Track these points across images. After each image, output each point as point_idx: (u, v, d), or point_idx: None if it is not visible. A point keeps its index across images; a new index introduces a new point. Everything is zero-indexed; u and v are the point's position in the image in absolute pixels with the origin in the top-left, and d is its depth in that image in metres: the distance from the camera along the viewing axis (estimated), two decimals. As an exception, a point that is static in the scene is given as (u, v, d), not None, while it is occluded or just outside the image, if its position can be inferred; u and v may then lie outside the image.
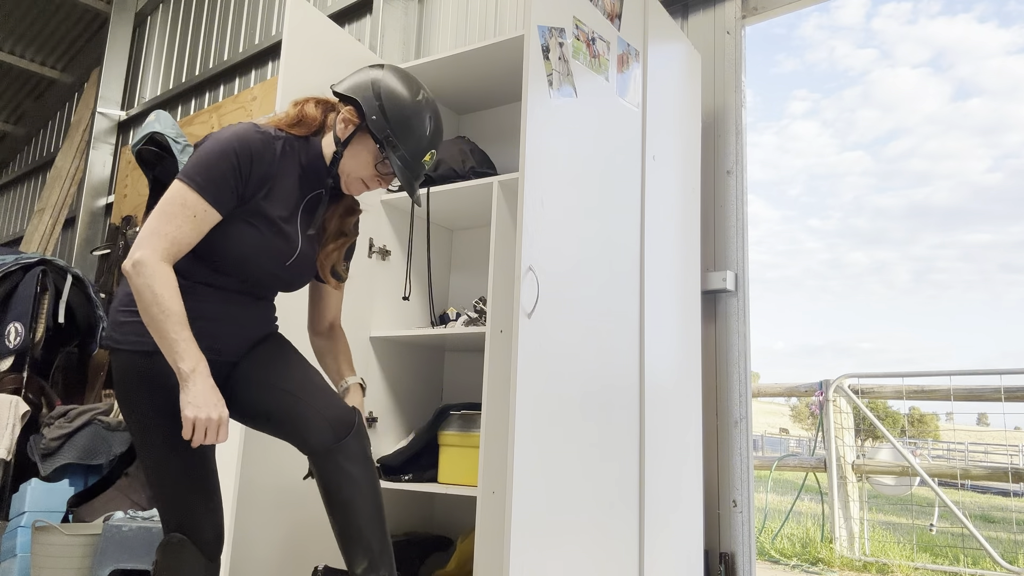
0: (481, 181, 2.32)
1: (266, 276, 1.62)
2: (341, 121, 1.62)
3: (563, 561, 1.65)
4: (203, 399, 1.43)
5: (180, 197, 1.48)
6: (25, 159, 7.92)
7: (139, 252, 1.44)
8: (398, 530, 2.53)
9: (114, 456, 3.30)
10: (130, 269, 1.44)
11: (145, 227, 1.48)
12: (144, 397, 1.51)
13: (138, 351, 1.51)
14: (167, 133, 3.70)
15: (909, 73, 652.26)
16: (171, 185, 1.51)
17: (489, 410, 2.03)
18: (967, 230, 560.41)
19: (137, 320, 1.51)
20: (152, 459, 1.53)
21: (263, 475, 2.06)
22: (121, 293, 1.57)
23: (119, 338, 1.53)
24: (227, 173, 1.51)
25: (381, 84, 1.62)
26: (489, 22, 3.31)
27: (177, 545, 1.53)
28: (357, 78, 1.64)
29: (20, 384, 3.71)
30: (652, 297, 2.08)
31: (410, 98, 1.63)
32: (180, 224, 1.47)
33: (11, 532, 2.94)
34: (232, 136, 1.53)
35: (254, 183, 1.55)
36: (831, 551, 4.64)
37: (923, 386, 4.75)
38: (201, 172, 1.49)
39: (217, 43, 4.97)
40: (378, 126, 1.59)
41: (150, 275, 1.42)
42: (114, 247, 4.80)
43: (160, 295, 1.42)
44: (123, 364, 1.53)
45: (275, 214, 1.59)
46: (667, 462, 2.10)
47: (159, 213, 1.48)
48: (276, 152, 1.58)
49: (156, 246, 1.45)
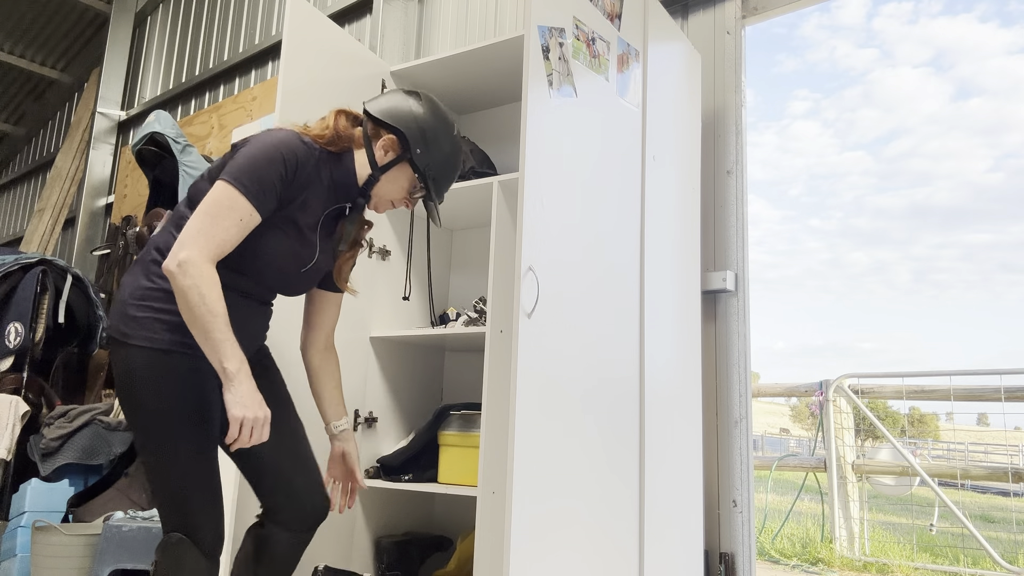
0: (481, 181, 2.32)
1: (281, 280, 1.65)
2: (381, 148, 1.67)
3: (563, 561, 1.65)
4: (250, 398, 1.45)
5: (227, 199, 1.49)
6: (25, 159, 7.92)
7: (184, 252, 1.44)
8: (398, 530, 2.53)
9: (114, 456, 3.30)
10: (175, 269, 1.43)
11: (190, 227, 1.47)
12: (153, 394, 1.50)
13: (152, 348, 1.50)
14: (167, 133, 3.70)
15: (910, 73, 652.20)
16: (215, 186, 1.51)
17: (489, 410, 2.03)
18: (968, 230, 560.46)
19: (153, 316, 1.51)
20: (156, 457, 1.51)
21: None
22: (132, 287, 1.55)
23: (129, 332, 1.50)
24: (274, 178, 1.54)
25: (426, 120, 1.69)
26: (489, 22, 3.31)
27: (177, 545, 1.52)
28: (397, 106, 1.69)
29: (20, 384, 3.71)
30: (652, 297, 2.08)
31: (450, 135, 1.74)
32: (227, 226, 1.48)
33: (11, 532, 2.94)
34: (279, 142, 1.55)
35: (294, 190, 1.59)
36: (831, 551, 4.64)
37: (923, 386, 4.75)
38: (249, 176, 1.50)
39: (217, 43, 4.97)
40: (423, 160, 1.68)
41: (197, 275, 1.43)
42: (114, 247, 4.79)
43: (207, 296, 1.43)
44: (132, 359, 1.50)
45: (303, 222, 1.63)
46: (667, 462, 2.10)
47: (204, 214, 1.48)
48: (315, 162, 1.62)
49: (202, 247, 1.45)
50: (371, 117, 1.69)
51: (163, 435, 1.51)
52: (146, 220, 3.67)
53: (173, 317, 1.51)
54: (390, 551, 2.35)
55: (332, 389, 1.84)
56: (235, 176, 1.50)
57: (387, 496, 2.49)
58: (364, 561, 2.37)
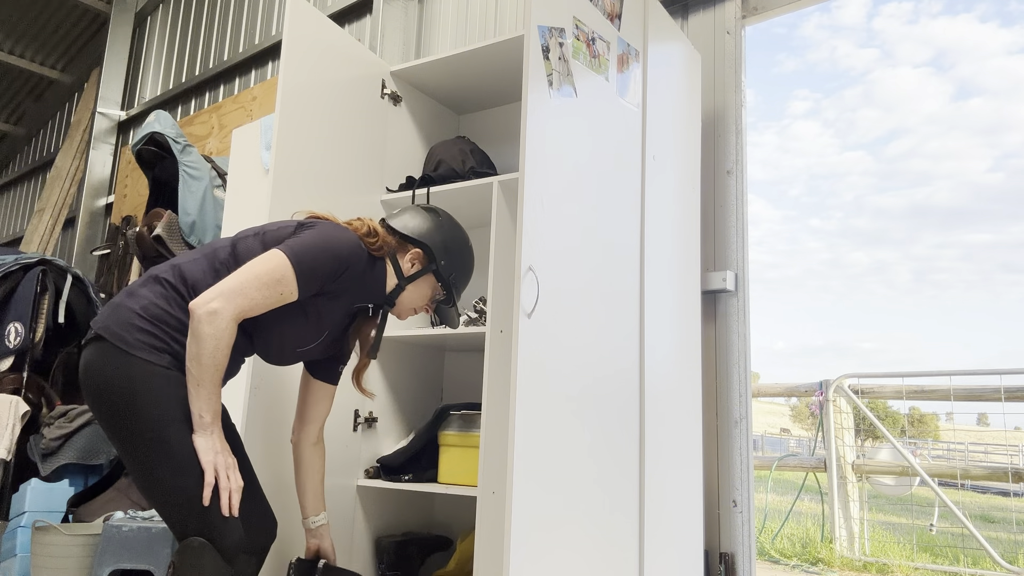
0: (481, 181, 2.32)
1: (276, 351, 1.73)
2: (408, 260, 1.83)
3: (563, 561, 1.65)
4: (221, 445, 1.52)
5: (280, 272, 1.55)
6: (25, 159, 7.92)
7: (218, 303, 1.49)
8: (398, 530, 2.53)
9: (114, 456, 3.30)
10: (203, 316, 1.47)
11: (232, 281, 1.52)
12: (156, 401, 1.50)
13: (154, 364, 1.52)
14: (167, 133, 3.69)
15: (910, 73, 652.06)
16: (273, 253, 1.57)
17: (489, 410, 2.03)
18: (968, 230, 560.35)
19: (159, 342, 1.53)
20: (166, 465, 1.49)
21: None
22: (146, 301, 1.55)
23: (132, 343, 1.51)
24: (327, 272, 1.63)
25: (448, 233, 1.87)
26: (489, 22, 3.31)
27: (198, 549, 1.49)
28: (421, 223, 1.85)
29: (20, 384, 3.71)
30: (652, 297, 2.08)
31: (468, 245, 1.92)
32: (267, 295, 1.55)
33: (11, 532, 2.94)
34: (347, 243, 1.66)
35: (335, 287, 1.67)
36: (831, 551, 4.64)
37: (923, 386, 4.75)
38: (308, 260, 1.59)
39: (217, 43, 4.97)
40: (447, 271, 1.85)
41: (222, 330, 1.48)
42: (114, 247, 4.79)
43: (221, 350, 1.49)
44: (133, 368, 1.50)
45: (325, 312, 1.70)
46: (667, 462, 2.10)
47: (252, 276, 1.54)
48: (361, 267, 1.71)
49: (236, 304, 1.51)
50: (395, 232, 1.83)
51: (180, 440, 1.50)
52: (146, 220, 3.67)
53: (179, 348, 1.55)
54: (390, 551, 2.35)
55: (317, 484, 1.92)
56: (296, 254, 1.57)
57: (387, 496, 2.49)
58: (364, 561, 2.37)
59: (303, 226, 1.68)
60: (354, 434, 2.37)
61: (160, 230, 3.43)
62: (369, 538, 2.41)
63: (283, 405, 2.12)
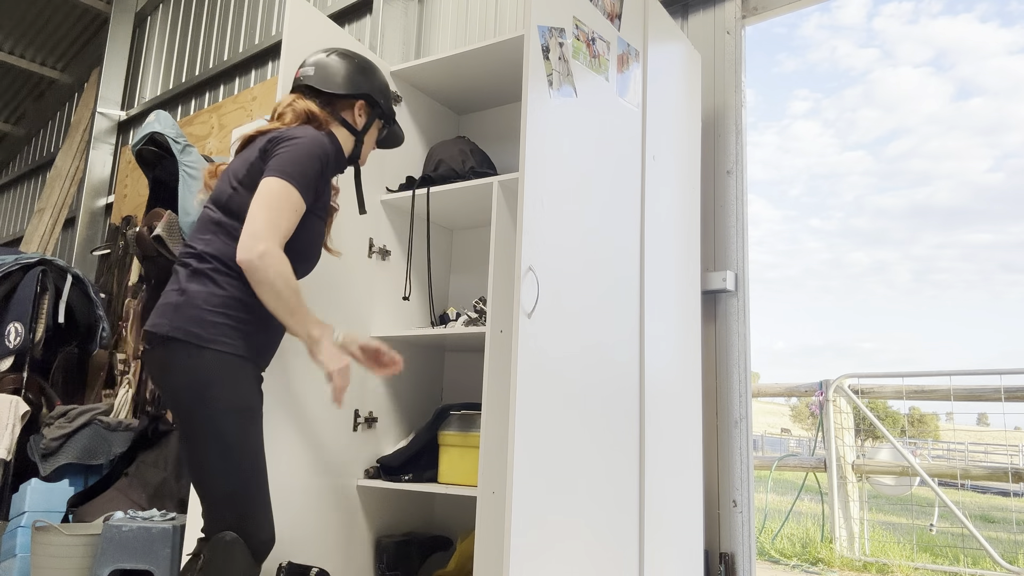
0: (481, 181, 2.32)
1: (313, 259, 1.81)
2: (356, 115, 1.90)
3: (563, 561, 1.65)
4: (336, 352, 1.63)
5: (285, 194, 1.62)
6: (25, 159, 7.92)
7: (261, 244, 1.55)
8: (398, 530, 2.53)
9: (114, 456, 3.30)
10: (257, 262, 1.54)
11: (256, 222, 1.58)
12: (230, 393, 1.57)
13: (230, 352, 1.59)
14: (167, 133, 3.69)
15: (910, 73, 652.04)
16: (268, 182, 1.63)
17: (489, 410, 2.03)
18: (968, 230, 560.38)
19: (230, 324, 1.60)
20: (221, 453, 1.55)
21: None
22: (206, 294, 1.61)
23: (206, 336, 1.57)
24: (317, 175, 1.70)
25: (369, 70, 1.93)
26: (489, 22, 3.31)
27: (231, 544, 1.53)
28: (344, 73, 1.89)
29: (20, 384, 3.71)
30: (652, 297, 2.08)
31: (378, 68, 1.98)
32: (289, 218, 1.62)
33: (11, 532, 2.94)
34: (317, 142, 1.71)
35: (325, 183, 1.77)
36: (831, 551, 4.64)
37: (923, 386, 4.75)
38: (299, 174, 1.65)
39: (217, 43, 4.97)
40: (387, 106, 1.97)
41: (280, 263, 1.57)
42: (114, 247, 4.79)
43: (289, 279, 1.58)
44: (207, 360, 1.57)
45: (322, 204, 1.80)
46: (667, 462, 2.10)
47: (267, 208, 1.60)
48: (333, 152, 1.79)
49: (275, 238, 1.58)
50: (329, 96, 1.87)
51: (234, 433, 1.56)
52: (146, 220, 3.67)
53: (246, 326, 1.63)
54: (390, 551, 2.35)
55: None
56: (287, 173, 1.63)
57: (387, 496, 2.49)
58: (364, 561, 2.37)
59: (267, 152, 1.70)
60: (354, 434, 2.37)
61: (160, 230, 3.43)
62: (369, 538, 2.41)
63: (280, 405, 2.12)
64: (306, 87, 1.88)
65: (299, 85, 1.90)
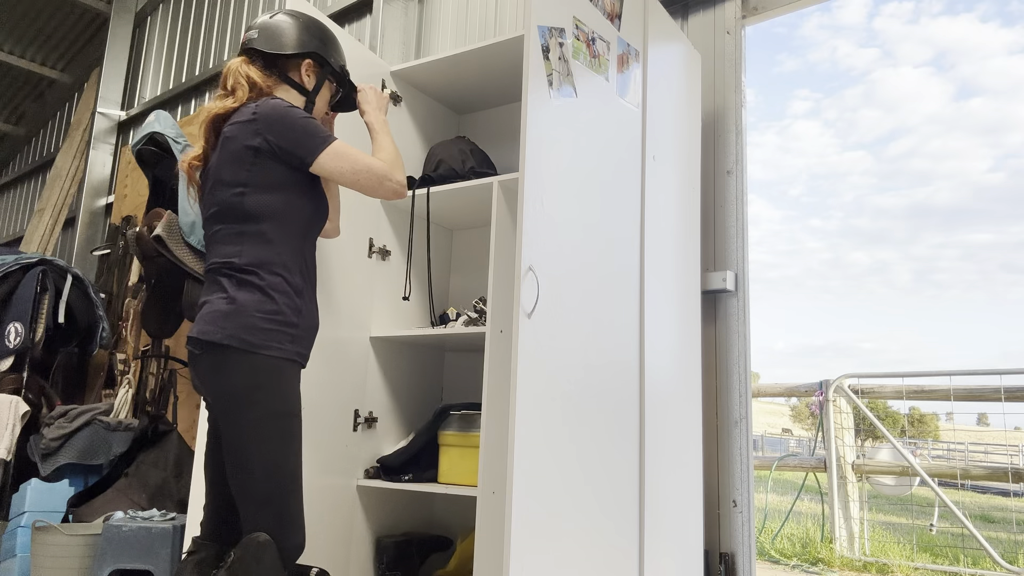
0: (481, 181, 2.32)
1: (326, 212, 1.86)
2: (304, 75, 1.87)
3: (563, 561, 1.65)
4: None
5: (342, 149, 1.73)
6: (25, 159, 7.92)
7: (396, 173, 1.77)
8: (398, 530, 2.53)
9: (114, 456, 3.30)
10: (399, 187, 1.77)
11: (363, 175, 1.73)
12: (281, 398, 1.61)
13: (282, 357, 1.63)
14: (167, 133, 3.69)
15: (911, 73, 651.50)
16: (329, 153, 1.71)
17: (489, 410, 2.03)
18: (968, 230, 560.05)
19: (280, 330, 1.64)
20: (267, 456, 1.58)
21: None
22: (256, 302, 1.64)
23: (257, 343, 1.60)
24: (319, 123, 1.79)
25: (315, 28, 1.88)
26: (489, 22, 3.31)
27: (264, 545, 1.54)
28: (292, 32, 1.85)
29: (20, 384, 3.71)
30: (652, 297, 2.08)
31: (327, 28, 1.94)
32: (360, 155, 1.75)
33: (11, 532, 2.94)
34: (291, 108, 1.73)
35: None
36: (831, 551, 4.64)
37: (923, 386, 4.75)
38: (320, 131, 1.72)
39: (217, 43, 4.97)
40: (337, 64, 1.93)
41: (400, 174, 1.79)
42: (114, 247, 4.79)
43: (396, 165, 1.80)
44: (259, 365, 1.60)
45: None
46: (667, 462, 2.10)
47: (357, 157, 1.73)
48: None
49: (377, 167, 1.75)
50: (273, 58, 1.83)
51: (280, 437, 1.59)
52: (146, 220, 3.67)
53: (295, 331, 1.68)
54: (390, 551, 2.35)
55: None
56: (324, 136, 1.71)
57: (387, 496, 2.49)
58: (364, 561, 2.37)
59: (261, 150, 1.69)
60: (354, 434, 2.37)
61: (160, 230, 3.43)
62: (369, 538, 2.41)
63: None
64: (252, 50, 1.83)
65: (245, 49, 1.85)
